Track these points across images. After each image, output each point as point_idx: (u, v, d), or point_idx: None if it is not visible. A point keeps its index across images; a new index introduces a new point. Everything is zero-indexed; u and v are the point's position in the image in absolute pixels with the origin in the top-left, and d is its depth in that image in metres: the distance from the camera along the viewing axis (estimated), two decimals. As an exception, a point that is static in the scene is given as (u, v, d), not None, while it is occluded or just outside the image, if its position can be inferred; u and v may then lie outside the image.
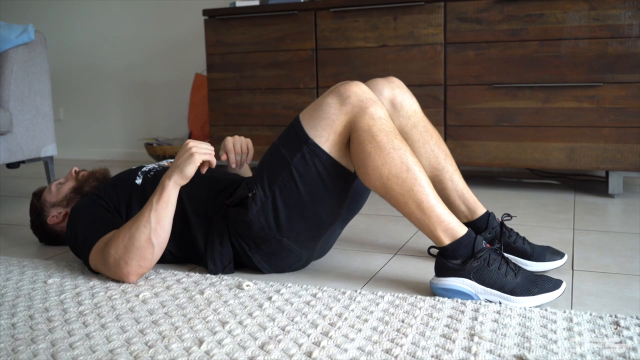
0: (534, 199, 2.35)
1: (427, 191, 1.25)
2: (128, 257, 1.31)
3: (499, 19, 2.41)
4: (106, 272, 1.38)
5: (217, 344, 1.05)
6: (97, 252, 1.37)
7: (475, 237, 1.26)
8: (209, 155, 1.32)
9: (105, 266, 1.36)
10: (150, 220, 1.30)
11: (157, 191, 1.33)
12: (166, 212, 1.32)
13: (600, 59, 2.30)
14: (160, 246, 1.34)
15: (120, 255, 1.32)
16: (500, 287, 1.22)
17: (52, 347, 1.06)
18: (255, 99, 2.85)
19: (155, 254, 1.34)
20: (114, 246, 1.32)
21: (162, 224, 1.32)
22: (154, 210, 1.31)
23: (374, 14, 2.60)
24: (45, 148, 2.57)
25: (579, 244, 1.71)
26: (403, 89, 1.51)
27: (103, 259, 1.35)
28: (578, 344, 1.02)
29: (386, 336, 1.07)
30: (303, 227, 1.37)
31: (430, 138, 1.51)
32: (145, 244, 1.31)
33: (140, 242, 1.30)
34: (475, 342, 1.04)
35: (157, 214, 1.31)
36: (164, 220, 1.32)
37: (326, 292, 1.31)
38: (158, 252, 1.34)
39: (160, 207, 1.31)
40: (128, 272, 1.34)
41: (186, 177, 1.32)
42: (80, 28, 4.08)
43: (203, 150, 1.32)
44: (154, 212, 1.31)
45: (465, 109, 2.52)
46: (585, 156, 2.36)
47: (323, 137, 1.30)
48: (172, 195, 1.32)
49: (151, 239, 1.31)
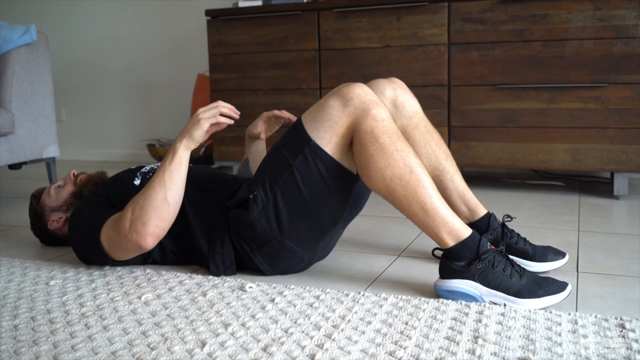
0: (539, 201, 2.35)
1: (431, 193, 1.24)
2: (146, 217, 1.33)
3: (503, 19, 2.40)
4: (120, 243, 1.37)
5: (219, 346, 1.05)
6: (110, 226, 1.39)
7: (480, 238, 1.25)
8: (214, 118, 1.35)
9: (120, 237, 1.36)
10: (164, 180, 1.34)
11: (169, 154, 1.36)
12: (179, 173, 1.36)
13: (605, 59, 2.29)
14: (175, 206, 1.37)
15: (138, 216, 1.33)
16: (505, 289, 1.22)
17: (54, 349, 1.06)
18: (257, 100, 2.85)
19: (171, 213, 1.36)
20: (130, 209, 1.35)
21: (176, 184, 1.35)
22: (167, 171, 1.35)
23: (377, 14, 2.59)
24: (47, 149, 2.56)
25: (583, 245, 1.70)
26: (405, 89, 1.51)
27: (117, 231, 1.36)
28: (583, 347, 1.02)
29: (390, 338, 1.06)
30: (305, 228, 1.36)
31: (431, 139, 1.51)
32: (161, 202, 1.33)
33: (157, 200, 1.33)
34: (479, 344, 1.03)
35: (171, 174, 1.35)
36: (178, 181, 1.36)
37: (329, 294, 1.30)
38: (173, 212, 1.37)
39: (173, 167, 1.35)
40: (146, 233, 1.34)
41: (195, 140, 1.36)
42: (83, 28, 4.09)
43: (208, 114, 1.35)
44: (168, 173, 1.35)
45: (469, 110, 2.51)
46: (590, 157, 2.35)
47: (325, 139, 1.30)
48: (183, 157, 1.36)
49: (167, 198, 1.34)
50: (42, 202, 1.67)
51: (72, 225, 1.49)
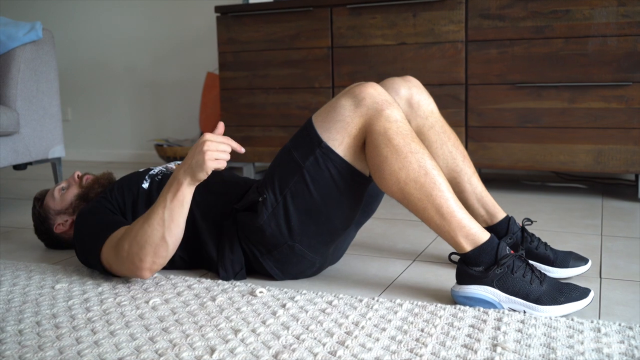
0: (560, 204, 2.31)
1: (447, 195, 1.22)
2: (142, 254, 1.29)
3: (523, 16, 2.37)
4: (119, 267, 1.36)
5: (229, 353, 1.04)
6: (110, 248, 1.36)
7: (499, 243, 1.23)
8: (222, 162, 1.26)
9: (119, 261, 1.34)
10: (164, 218, 1.27)
11: (172, 188, 1.28)
12: (181, 212, 1.29)
13: (630, 57, 2.24)
14: (174, 244, 1.32)
15: (135, 252, 1.30)
16: (524, 296, 1.19)
17: (59, 354, 1.05)
18: (268, 99, 2.83)
19: (169, 251, 1.32)
20: (128, 242, 1.30)
21: (176, 222, 1.29)
22: (168, 209, 1.28)
23: (392, 11, 2.56)
24: (52, 149, 2.54)
25: (606, 250, 1.66)
26: (420, 88, 1.49)
27: (116, 255, 1.34)
28: (606, 356, 1.00)
29: (405, 346, 1.05)
30: (316, 232, 1.35)
31: (447, 139, 1.49)
32: (159, 241, 1.29)
33: (155, 239, 1.28)
34: (498, 352, 1.01)
35: (172, 213, 1.28)
36: (179, 219, 1.29)
37: (342, 299, 1.29)
38: (172, 249, 1.33)
39: (174, 205, 1.28)
40: (142, 268, 1.32)
41: (198, 180, 1.28)
42: (89, 26, 4.08)
43: (215, 155, 1.25)
44: (168, 211, 1.28)
45: (487, 110, 2.47)
46: (614, 159, 2.31)
47: (337, 141, 1.28)
48: (187, 195, 1.29)
49: (165, 237, 1.28)
50: (46, 205, 1.65)
51: (77, 231, 1.47)
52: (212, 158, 1.23)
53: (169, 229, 1.28)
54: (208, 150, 1.23)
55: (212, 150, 1.23)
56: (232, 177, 1.55)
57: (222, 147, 1.24)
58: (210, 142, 1.23)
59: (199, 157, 1.23)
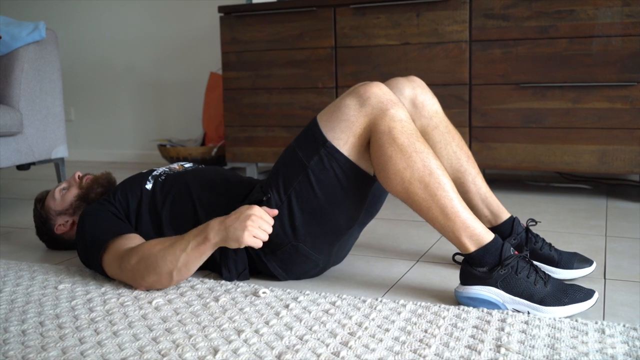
0: (564, 205, 2.30)
1: (451, 196, 1.22)
2: (146, 276, 1.32)
3: (527, 16, 2.36)
4: (119, 275, 1.38)
5: (232, 354, 1.03)
6: (115, 256, 1.36)
7: (503, 243, 1.22)
8: (258, 242, 1.24)
9: (120, 271, 1.36)
10: (178, 259, 1.28)
11: (199, 237, 1.26)
12: (197, 262, 1.30)
13: (634, 57, 2.24)
14: (179, 281, 1.35)
15: (139, 270, 1.32)
16: (528, 297, 1.19)
17: (63, 355, 1.05)
18: (272, 99, 2.83)
19: (172, 284, 1.35)
20: (136, 258, 1.31)
21: (188, 268, 1.30)
22: (186, 254, 1.28)
23: (395, 11, 2.56)
24: (56, 149, 2.54)
25: (611, 251, 1.66)
26: (424, 88, 1.49)
27: (120, 265, 1.35)
28: (610, 357, 0.99)
29: (408, 347, 1.05)
30: (320, 232, 1.34)
31: (452, 139, 1.48)
32: (166, 275, 1.31)
33: (162, 271, 1.30)
34: (501, 353, 1.01)
35: (188, 259, 1.28)
36: (191, 267, 1.31)
37: (346, 300, 1.28)
38: (175, 284, 1.36)
39: (193, 254, 1.28)
40: (141, 285, 1.35)
41: (227, 246, 1.28)
42: (92, 26, 4.08)
43: (255, 232, 1.22)
44: (185, 255, 1.28)
45: (491, 110, 2.46)
46: (618, 159, 2.30)
47: (342, 140, 1.27)
48: (208, 251, 1.29)
49: (173, 275, 1.30)
50: (46, 205, 1.66)
51: (79, 233, 1.47)
52: (251, 235, 1.23)
53: (179, 270, 1.30)
54: (251, 226, 1.22)
55: (254, 227, 1.23)
56: (236, 177, 1.55)
57: (265, 226, 1.24)
58: (256, 218, 1.23)
59: (239, 229, 1.22)
